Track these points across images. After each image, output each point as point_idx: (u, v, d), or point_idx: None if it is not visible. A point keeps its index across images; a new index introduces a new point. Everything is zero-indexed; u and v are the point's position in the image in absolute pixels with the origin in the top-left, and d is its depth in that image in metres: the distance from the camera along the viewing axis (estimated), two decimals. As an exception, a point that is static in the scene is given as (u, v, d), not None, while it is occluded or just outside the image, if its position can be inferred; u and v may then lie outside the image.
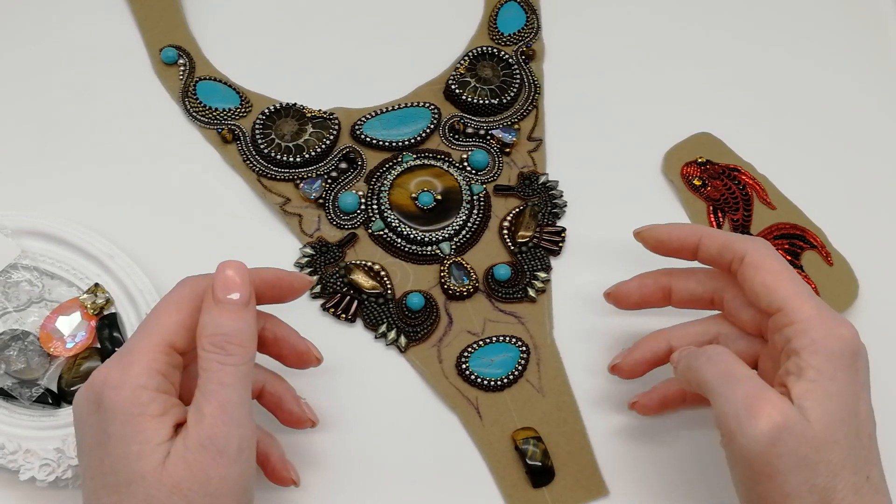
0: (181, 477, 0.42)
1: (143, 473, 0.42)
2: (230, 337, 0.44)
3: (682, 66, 0.69)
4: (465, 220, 0.62)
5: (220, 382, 0.43)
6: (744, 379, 0.45)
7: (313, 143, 0.63)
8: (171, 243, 0.60)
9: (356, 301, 0.59)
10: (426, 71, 0.67)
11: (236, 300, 0.45)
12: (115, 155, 0.64)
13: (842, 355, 0.45)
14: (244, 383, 0.44)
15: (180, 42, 0.67)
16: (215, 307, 0.44)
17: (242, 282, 0.45)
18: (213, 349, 0.44)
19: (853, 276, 0.60)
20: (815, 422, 0.44)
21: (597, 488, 0.55)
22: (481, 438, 0.56)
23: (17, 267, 0.57)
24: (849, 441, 0.44)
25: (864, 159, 0.66)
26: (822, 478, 0.44)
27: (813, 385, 0.45)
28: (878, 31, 0.71)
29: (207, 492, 0.42)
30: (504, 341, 0.58)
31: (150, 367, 0.43)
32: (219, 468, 0.42)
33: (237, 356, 0.44)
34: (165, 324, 0.45)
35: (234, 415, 0.43)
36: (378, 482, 0.55)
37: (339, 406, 0.57)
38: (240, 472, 0.43)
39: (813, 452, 0.43)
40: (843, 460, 0.44)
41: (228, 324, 0.44)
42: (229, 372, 0.44)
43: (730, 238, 0.50)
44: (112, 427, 0.42)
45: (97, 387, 0.43)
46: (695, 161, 0.64)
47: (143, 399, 0.43)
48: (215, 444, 0.42)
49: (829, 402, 0.44)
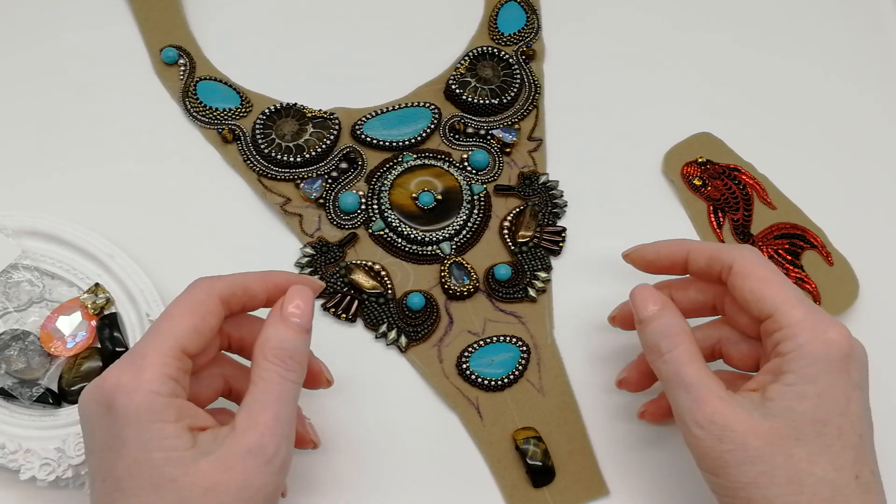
0: (217, 480, 0.42)
1: (173, 477, 0.42)
2: (293, 354, 0.45)
3: (682, 66, 0.69)
4: (466, 219, 0.62)
5: (280, 396, 0.44)
6: (691, 381, 0.47)
7: (314, 143, 0.63)
8: (172, 243, 0.60)
9: (356, 301, 0.59)
10: (426, 71, 0.67)
11: (301, 323, 0.46)
12: (116, 155, 0.64)
13: (827, 358, 0.46)
14: (294, 402, 0.46)
15: (180, 42, 0.67)
16: (282, 323, 0.46)
17: (308, 308, 0.47)
18: (277, 361, 0.45)
19: (853, 276, 0.61)
20: (776, 418, 0.45)
21: (597, 488, 0.55)
22: (482, 438, 0.56)
23: (18, 267, 0.57)
24: (823, 440, 0.45)
25: (865, 159, 0.66)
26: (782, 469, 0.45)
27: (786, 388, 0.46)
28: (878, 32, 0.71)
29: (242, 497, 0.43)
30: (504, 341, 0.58)
31: (163, 372, 0.43)
32: (261, 476, 0.43)
33: (296, 373, 0.45)
34: (179, 327, 0.45)
35: (285, 429, 0.44)
36: (378, 482, 0.55)
37: (340, 406, 0.57)
38: (276, 485, 0.44)
39: (767, 445, 0.45)
40: (813, 456, 0.45)
41: (293, 341, 0.46)
42: (288, 387, 0.45)
43: (716, 249, 0.51)
44: (127, 432, 0.42)
45: (108, 389, 0.43)
46: (695, 161, 0.64)
47: (158, 406, 0.43)
48: (265, 453, 0.43)
49: (799, 402, 0.45)
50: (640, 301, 0.50)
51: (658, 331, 0.49)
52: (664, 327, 0.49)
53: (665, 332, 0.49)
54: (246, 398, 0.45)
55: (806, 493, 0.45)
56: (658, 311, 0.49)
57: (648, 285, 0.51)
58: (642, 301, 0.50)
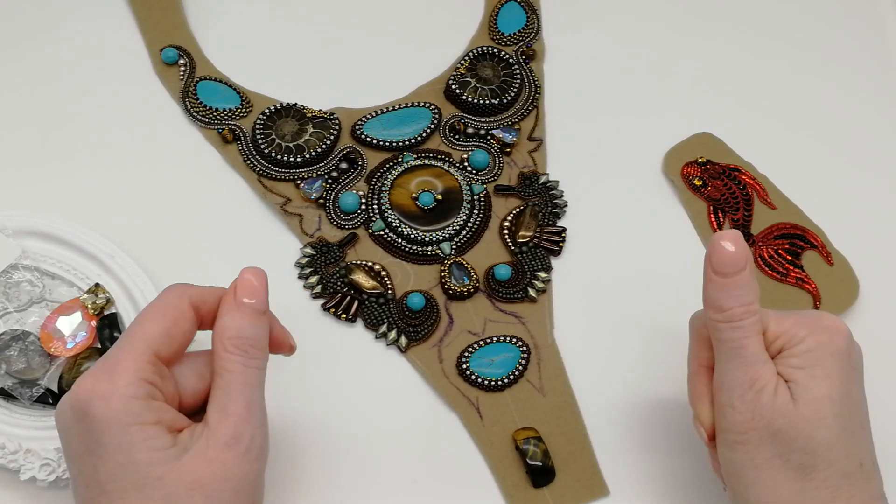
0: (201, 474, 0.43)
1: (158, 476, 0.42)
2: (253, 341, 0.45)
3: (682, 66, 0.69)
4: (466, 220, 0.62)
5: (246, 384, 0.44)
6: (753, 356, 0.46)
7: (314, 143, 0.63)
8: (172, 243, 0.60)
9: (357, 301, 0.59)
10: (426, 71, 0.67)
11: (256, 306, 0.45)
12: (116, 155, 0.64)
13: (831, 342, 0.46)
14: (262, 386, 0.45)
15: (181, 42, 0.67)
16: (237, 310, 0.45)
17: (262, 288, 0.46)
18: (236, 351, 0.45)
19: (853, 276, 0.61)
20: (800, 399, 0.45)
21: (597, 488, 0.55)
22: (482, 438, 0.56)
23: (18, 267, 0.57)
24: (840, 422, 0.45)
25: (865, 159, 0.66)
26: (798, 454, 0.45)
27: (800, 371, 0.46)
28: (878, 32, 0.71)
29: (227, 488, 0.43)
30: (505, 341, 0.58)
31: (138, 376, 0.43)
32: (242, 466, 0.43)
33: (259, 360, 0.45)
34: (150, 332, 0.45)
35: (257, 415, 0.44)
36: (378, 482, 0.55)
37: (340, 406, 0.57)
38: (258, 471, 0.44)
39: (790, 427, 0.45)
40: (831, 441, 0.45)
41: (250, 328, 0.45)
42: (254, 374, 0.45)
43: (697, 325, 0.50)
44: (107, 437, 0.42)
45: (83, 396, 0.43)
46: (695, 161, 0.64)
47: (136, 409, 0.43)
48: (241, 443, 0.43)
49: (815, 382, 0.45)
50: (729, 254, 0.46)
51: (737, 293, 0.46)
52: (744, 289, 0.46)
53: (743, 295, 0.46)
54: (213, 391, 0.45)
55: (815, 480, 0.45)
56: (745, 270, 0.46)
57: (739, 234, 0.47)
58: (732, 256, 0.46)
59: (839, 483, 0.45)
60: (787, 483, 0.45)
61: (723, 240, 0.46)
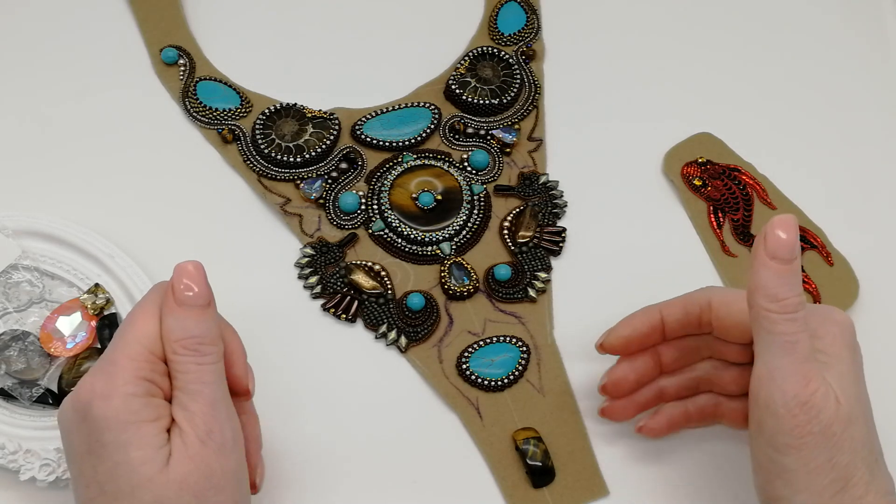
0: (187, 472, 0.43)
1: (149, 476, 0.43)
2: (201, 338, 0.44)
3: (682, 66, 0.69)
4: (466, 220, 0.62)
5: (203, 382, 0.44)
6: (802, 349, 0.44)
7: (314, 143, 0.63)
8: (172, 243, 0.60)
9: (356, 301, 0.59)
10: (426, 71, 0.67)
11: (198, 301, 0.45)
12: (116, 155, 0.63)
13: (843, 336, 0.46)
14: (223, 378, 0.45)
15: (180, 42, 0.67)
16: (179, 310, 0.45)
17: (201, 281, 0.45)
18: (186, 352, 0.44)
19: (853, 276, 0.61)
20: (841, 398, 0.44)
21: (597, 488, 0.55)
22: (482, 439, 0.56)
23: (18, 267, 0.57)
24: (866, 418, 0.45)
25: (865, 159, 0.66)
26: (846, 454, 0.44)
27: (827, 369, 0.45)
28: (878, 31, 0.71)
29: (212, 484, 0.43)
30: (504, 341, 0.58)
31: (136, 374, 0.44)
32: (220, 460, 0.44)
33: (212, 355, 0.45)
34: (143, 332, 0.45)
35: (222, 410, 0.44)
36: (378, 482, 0.55)
37: (340, 406, 0.57)
38: (237, 461, 0.45)
39: (841, 430, 0.44)
40: (864, 437, 0.45)
41: (196, 326, 0.44)
42: (208, 371, 0.44)
43: (686, 295, 0.51)
44: (106, 436, 0.43)
45: (84, 397, 0.43)
46: (695, 161, 0.64)
47: (135, 406, 0.43)
48: (213, 439, 0.43)
49: (844, 380, 0.45)
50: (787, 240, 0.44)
51: (794, 281, 0.44)
52: (799, 278, 0.44)
53: (799, 285, 0.44)
54: (174, 394, 0.44)
55: (853, 479, 0.44)
56: (798, 259, 0.44)
57: (794, 218, 0.44)
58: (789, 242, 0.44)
59: (868, 479, 0.45)
60: (831, 485, 0.44)
61: (777, 227, 0.43)
